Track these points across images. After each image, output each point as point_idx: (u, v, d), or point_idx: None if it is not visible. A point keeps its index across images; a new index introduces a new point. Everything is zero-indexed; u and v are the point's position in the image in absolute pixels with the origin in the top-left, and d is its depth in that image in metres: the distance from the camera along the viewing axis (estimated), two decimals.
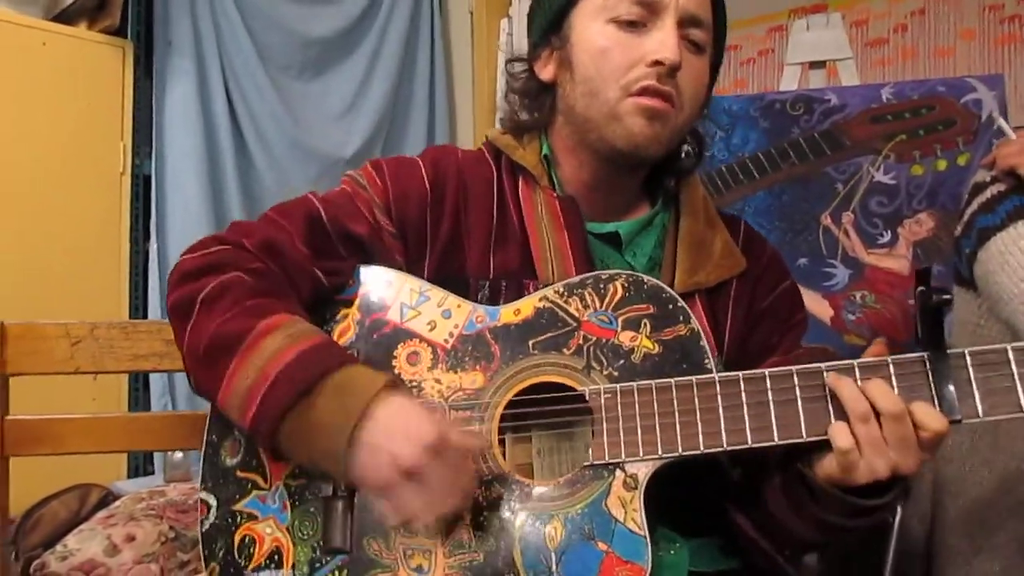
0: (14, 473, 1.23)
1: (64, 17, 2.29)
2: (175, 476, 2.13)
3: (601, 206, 1.07)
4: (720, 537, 1.02)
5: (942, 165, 2.32)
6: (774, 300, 1.09)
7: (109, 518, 1.64)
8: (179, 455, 2.13)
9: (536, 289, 0.99)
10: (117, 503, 1.72)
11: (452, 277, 1.01)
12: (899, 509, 1.38)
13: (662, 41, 0.97)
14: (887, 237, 2.35)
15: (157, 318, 2.35)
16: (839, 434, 0.83)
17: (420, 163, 1.06)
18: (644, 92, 0.98)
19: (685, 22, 0.99)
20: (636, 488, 0.87)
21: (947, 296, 0.84)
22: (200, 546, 0.97)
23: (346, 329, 0.99)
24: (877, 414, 0.83)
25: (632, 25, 0.99)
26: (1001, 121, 1.48)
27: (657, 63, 0.97)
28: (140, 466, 2.31)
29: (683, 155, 1.10)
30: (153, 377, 2.34)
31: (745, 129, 2.48)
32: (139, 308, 2.36)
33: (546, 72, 1.06)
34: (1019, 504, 1.15)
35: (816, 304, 2.36)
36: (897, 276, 2.33)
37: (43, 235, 2.17)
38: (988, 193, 1.35)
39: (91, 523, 1.63)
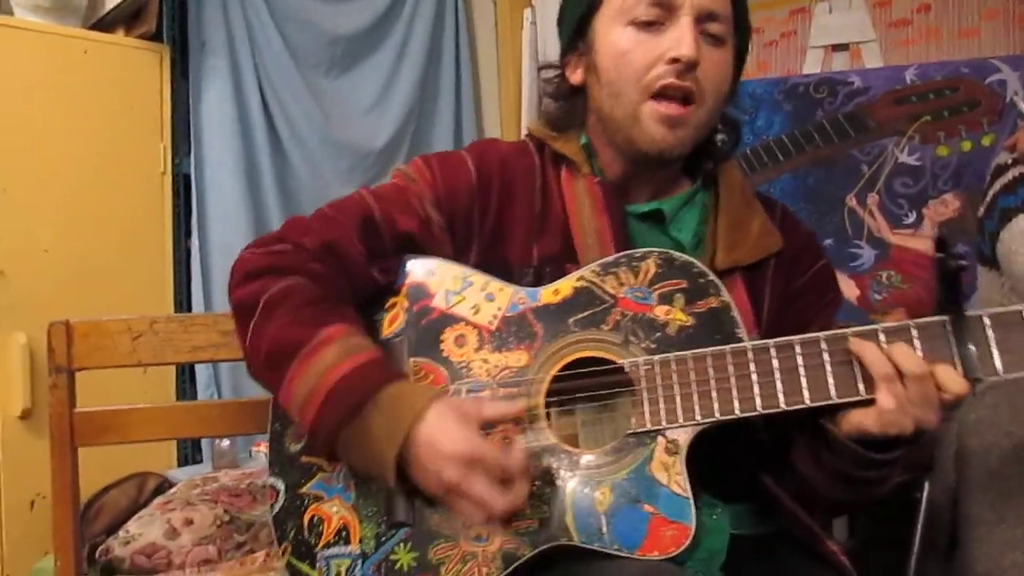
0: None
1: (102, 25, 2.36)
2: (222, 463, 2.20)
3: (642, 189, 1.12)
4: (757, 502, 1.07)
5: (967, 146, 2.34)
6: (810, 278, 1.13)
7: (167, 504, 1.71)
8: (226, 443, 2.21)
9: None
10: (173, 489, 1.80)
11: (496, 265, 1.06)
12: (926, 484, 1.42)
13: (678, 38, 1.01)
14: (912, 218, 2.37)
15: (200, 310, 2.43)
16: (885, 397, 0.88)
17: (467, 157, 1.10)
18: (664, 91, 1.02)
19: (702, 17, 1.02)
20: (678, 453, 0.93)
21: (964, 261, 0.88)
22: (272, 529, 1.02)
23: (395, 317, 1.05)
24: (900, 375, 0.88)
25: (650, 25, 1.03)
26: (1022, 105, 1.51)
27: (674, 60, 1.01)
28: (189, 455, 2.38)
29: (718, 142, 1.13)
30: (199, 368, 2.41)
31: (769, 112, 2.51)
32: (183, 303, 2.43)
33: (575, 76, 1.11)
34: None
35: (842, 284, 2.37)
36: (923, 256, 2.36)
37: (91, 235, 2.24)
38: (1010, 175, 1.39)
39: (150, 509, 1.71)
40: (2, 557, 2.07)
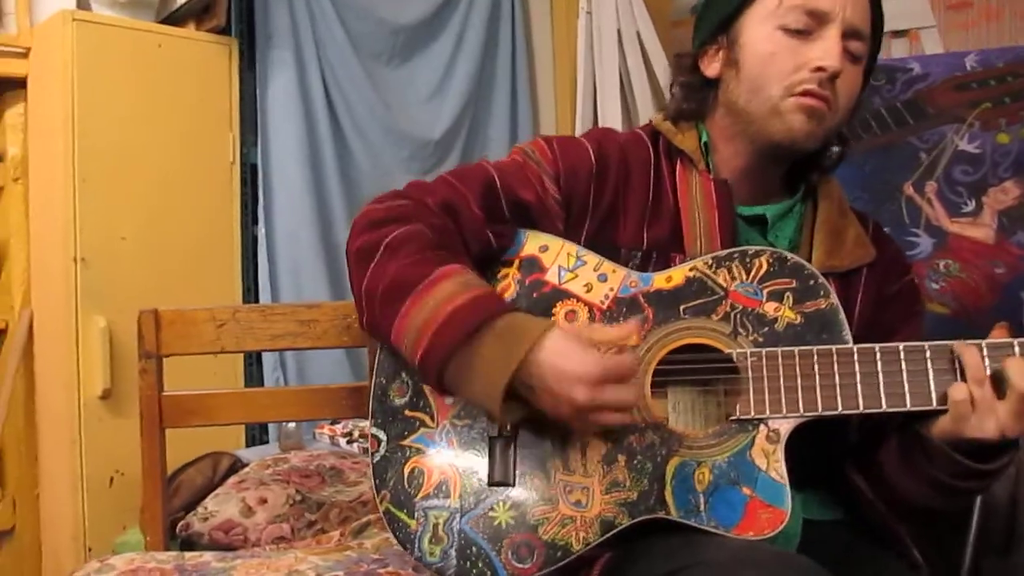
0: None
1: (173, 19, 2.43)
2: (288, 445, 2.28)
3: (751, 191, 1.15)
4: (826, 491, 1.11)
5: None
6: (898, 291, 1.17)
7: (241, 483, 1.79)
8: (292, 426, 2.29)
9: (683, 262, 1.08)
10: (246, 469, 1.88)
11: (605, 246, 1.10)
12: None
13: (826, 49, 1.04)
14: (971, 206, 2.35)
15: (267, 296, 2.51)
16: (958, 391, 0.94)
17: (586, 142, 1.15)
18: (806, 94, 1.06)
19: (848, 34, 1.06)
20: (778, 442, 0.97)
21: None
22: (371, 476, 1.06)
23: (507, 287, 1.09)
24: (996, 383, 0.92)
25: (799, 33, 1.06)
26: None
27: (820, 69, 1.04)
28: (256, 436, 2.47)
29: (829, 154, 1.16)
30: (265, 355, 2.50)
31: None
32: (250, 288, 2.51)
33: (711, 69, 1.15)
34: None
35: None
36: (981, 245, 2.34)
37: (166, 223, 2.32)
38: None
39: (225, 487, 1.79)
40: (84, 531, 2.18)
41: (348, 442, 2.30)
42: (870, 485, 1.07)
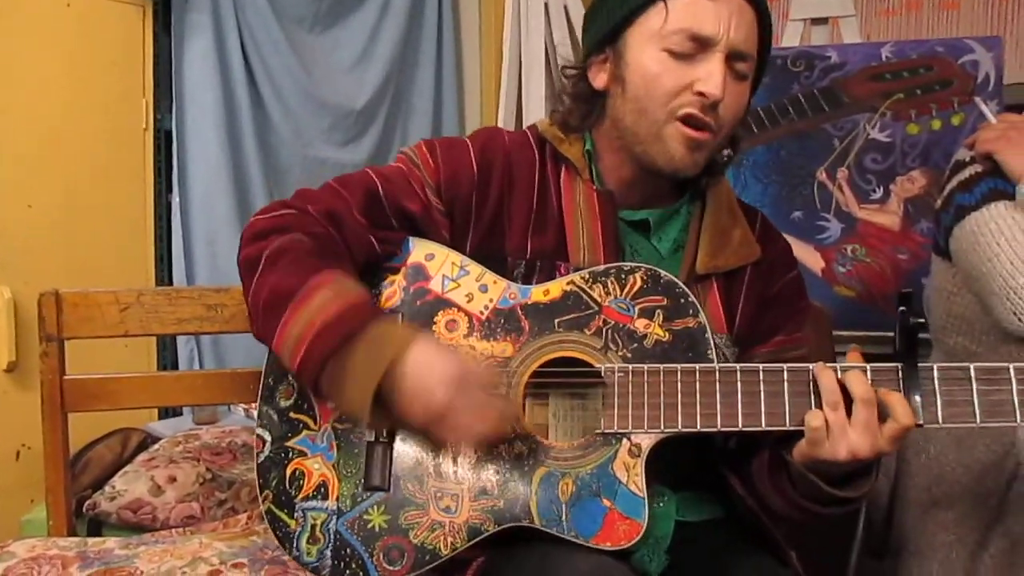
0: None
1: None
2: (203, 418, 2.26)
3: (635, 197, 1.17)
4: (705, 490, 1.15)
5: (937, 125, 2.40)
6: (782, 287, 1.21)
7: (150, 460, 1.77)
8: None
9: (567, 271, 1.11)
10: (156, 446, 1.85)
11: (492, 255, 1.13)
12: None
13: (709, 74, 1.05)
14: (879, 193, 2.44)
15: (180, 267, 2.46)
16: (813, 416, 0.97)
17: (470, 147, 1.15)
18: (688, 119, 1.07)
19: (732, 56, 1.07)
20: (639, 456, 1.01)
21: (923, 320, 0.95)
22: (256, 475, 1.09)
23: (392, 294, 1.12)
24: (849, 402, 0.95)
25: (683, 56, 1.06)
26: (983, 106, 1.56)
27: (701, 95, 1.05)
28: (169, 408, 2.43)
29: (723, 158, 1.20)
30: (180, 340, 2.45)
31: None
32: (163, 258, 2.46)
33: (599, 80, 1.15)
34: (974, 460, 1.27)
35: (808, 256, 2.46)
36: (888, 231, 2.43)
37: (75, 190, 2.24)
38: (967, 172, 1.44)
39: (134, 465, 1.76)
40: None
41: None
42: (745, 489, 1.11)
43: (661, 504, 1.08)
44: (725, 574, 1.04)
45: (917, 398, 0.96)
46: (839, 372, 0.98)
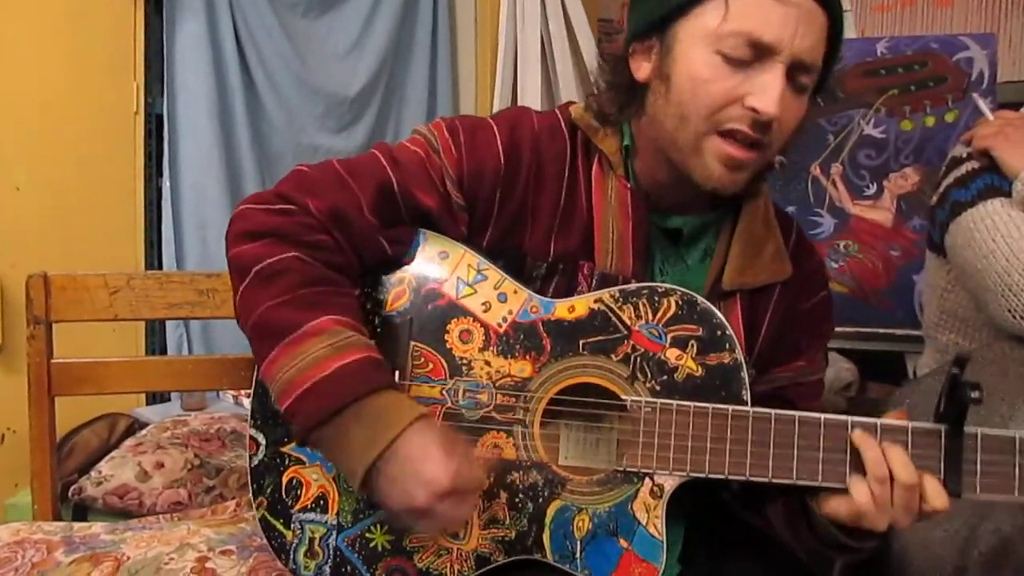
0: None
1: None
2: (191, 404, 2.25)
3: (668, 201, 1.07)
4: (704, 533, 1.10)
5: (930, 121, 2.40)
6: (810, 308, 1.12)
7: (138, 446, 1.76)
8: None
9: (591, 271, 1.03)
10: (144, 432, 1.84)
11: (510, 252, 1.03)
12: None
13: (765, 88, 0.93)
14: (873, 189, 2.44)
15: (171, 251, 2.44)
16: (860, 492, 0.91)
17: (496, 132, 1.04)
18: (732, 135, 0.95)
19: (794, 68, 0.94)
20: (661, 497, 0.96)
21: (976, 395, 0.89)
22: (248, 479, 1.03)
23: (401, 294, 1.02)
24: (891, 479, 0.90)
25: (739, 62, 0.94)
26: (980, 102, 1.56)
27: (753, 110, 0.93)
28: (158, 394, 2.42)
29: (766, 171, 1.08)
30: (170, 325, 2.43)
31: None
32: (153, 243, 2.44)
33: (641, 72, 1.03)
34: None
35: None
36: (880, 227, 2.43)
37: (64, 173, 2.22)
38: (963, 169, 1.44)
39: (121, 450, 1.75)
40: None
41: None
42: (759, 521, 1.07)
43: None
44: (732, 562, 1.02)
45: (958, 466, 0.92)
46: (879, 431, 0.93)
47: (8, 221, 2.12)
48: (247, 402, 2.13)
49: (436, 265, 1.02)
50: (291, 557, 1.00)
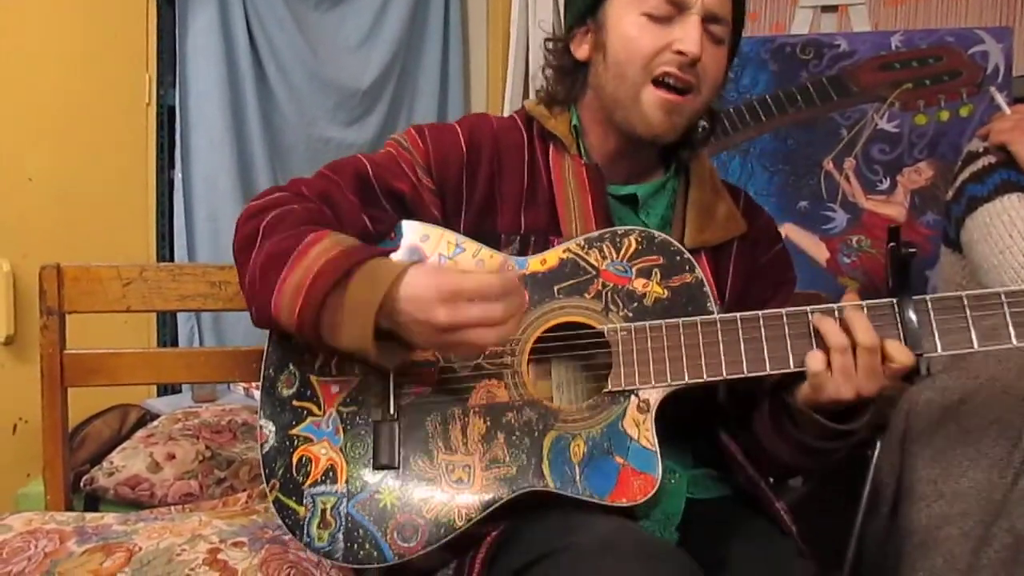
0: None
1: None
2: (202, 395, 2.26)
3: (622, 171, 1.21)
4: (715, 468, 1.15)
5: (945, 116, 2.38)
6: (770, 260, 1.25)
7: (149, 437, 1.76)
8: None
9: (560, 244, 1.12)
10: (155, 423, 1.85)
11: (485, 234, 1.14)
12: (878, 444, 1.50)
13: (686, 33, 1.09)
14: (886, 184, 2.42)
15: (182, 243, 2.45)
16: (813, 359, 0.99)
17: (458, 129, 1.18)
18: (665, 78, 1.10)
19: (708, 19, 1.11)
20: (648, 411, 1.02)
21: (913, 249, 0.98)
22: (260, 467, 1.07)
23: None
24: (853, 346, 0.97)
25: (661, 19, 1.11)
26: (998, 96, 1.54)
27: (680, 53, 1.09)
28: (169, 386, 2.43)
29: (699, 129, 1.22)
30: (181, 317, 2.44)
31: (755, 71, 2.52)
32: (165, 235, 2.44)
33: (581, 51, 1.19)
34: (980, 454, 1.26)
35: (813, 246, 2.45)
36: (893, 223, 2.42)
37: (76, 164, 2.22)
38: (980, 163, 1.43)
39: (133, 441, 1.75)
40: None
41: None
42: (742, 448, 1.12)
43: (673, 481, 1.09)
44: (731, 550, 1.04)
45: (915, 327, 0.99)
46: (838, 312, 1.01)
47: (20, 212, 2.12)
48: (258, 394, 2.15)
49: (419, 247, 1.12)
50: (304, 531, 1.03)
